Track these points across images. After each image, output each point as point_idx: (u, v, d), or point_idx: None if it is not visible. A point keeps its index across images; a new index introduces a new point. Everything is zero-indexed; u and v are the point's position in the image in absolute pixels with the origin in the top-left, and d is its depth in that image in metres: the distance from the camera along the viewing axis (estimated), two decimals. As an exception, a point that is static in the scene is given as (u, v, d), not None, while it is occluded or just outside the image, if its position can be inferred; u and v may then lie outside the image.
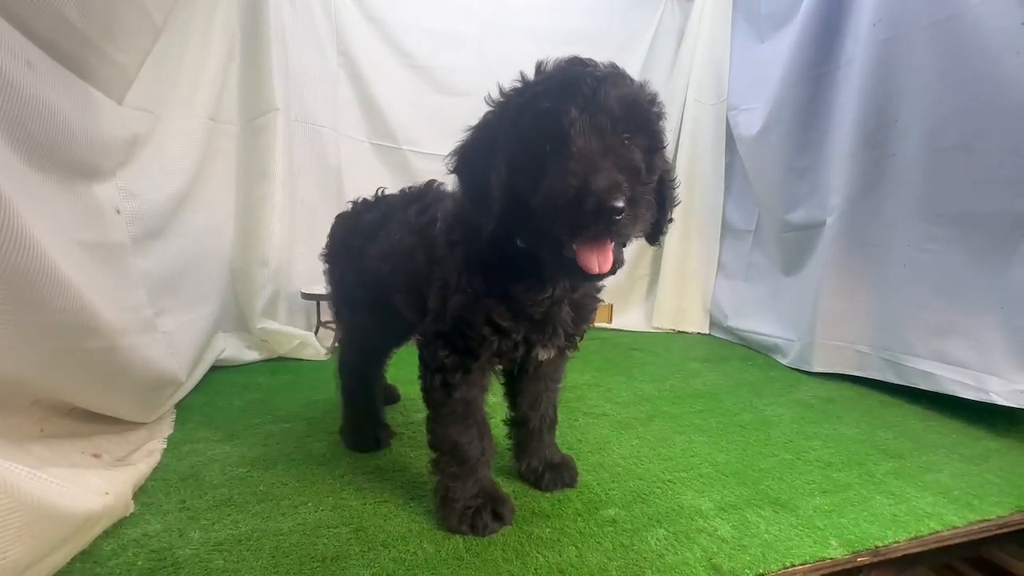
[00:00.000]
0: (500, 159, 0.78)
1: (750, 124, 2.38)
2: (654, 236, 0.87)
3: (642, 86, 0.80)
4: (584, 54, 2.77)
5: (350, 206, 1.31)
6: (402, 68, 2.42)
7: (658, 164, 0.79)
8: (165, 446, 1.20)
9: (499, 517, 0.93)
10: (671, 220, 0.88)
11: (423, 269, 0.97)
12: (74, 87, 1.10)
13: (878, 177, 1.80)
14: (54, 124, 0.99)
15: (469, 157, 0.84)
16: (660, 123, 0.80)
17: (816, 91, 2.06)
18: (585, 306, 0.96)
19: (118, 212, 1.30)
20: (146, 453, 1.13)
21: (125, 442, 1.16)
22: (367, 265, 1.14)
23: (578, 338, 1.00)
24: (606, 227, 0.68)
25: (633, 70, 2.77)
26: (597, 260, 0.73)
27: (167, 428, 1.29)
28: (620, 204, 0.66)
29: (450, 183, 1.05)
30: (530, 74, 0.81)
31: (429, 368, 0.93)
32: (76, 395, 1.05)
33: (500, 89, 0.84)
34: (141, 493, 1.00)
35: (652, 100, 0.80)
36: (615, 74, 0.77)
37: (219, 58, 1.85)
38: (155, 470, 1.09)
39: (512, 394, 1.09)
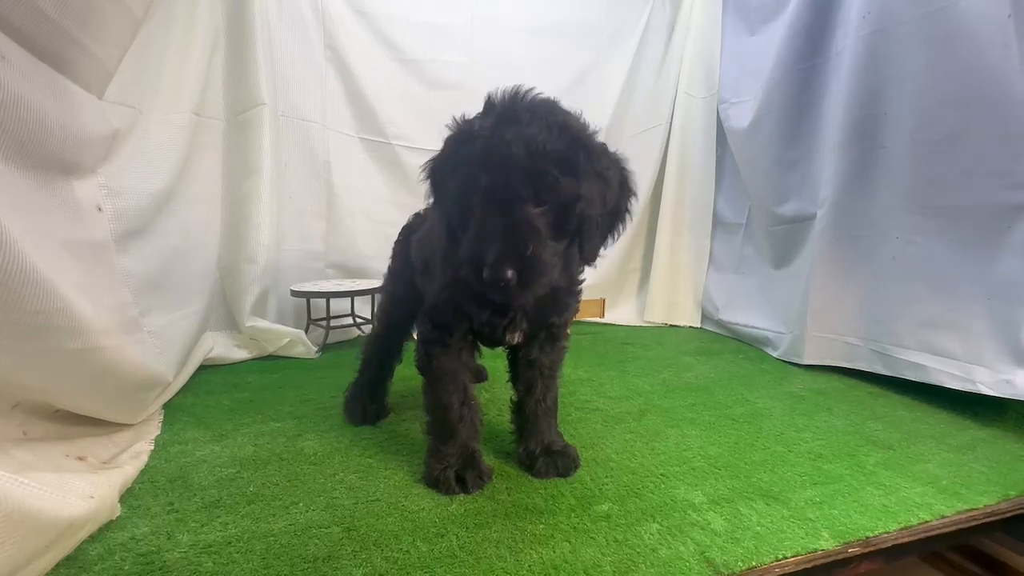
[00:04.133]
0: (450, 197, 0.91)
1: (741, 117, 2.38)
2: (587, 260, 0.97)
3: (553, 139, 0.85)
4: (573, 48, 2.76)
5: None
6: (391, 62, 2.39)
7: (574, 212, 0.87)
8: (152, 448, 1.18)
9: (462, 482, 1.02)
10: (602, 247, 0.98)
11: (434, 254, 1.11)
12: (51, 81, 1.07)
13: (868, 169, 1.81)
14: (30, 119, 0.96)
15: (435, 183, 0.96)
16: (566, 181, 0.85)
17: (806, 84, 2.06)
18: (547, 302, 1.04)
19: (100, 210, 1.27)
20: (132, 455, 1.11)
21: (111, 444, 1.14)
22: (408, 255, 1.32)
23: (554, 328, 1.12)
24: (502, 291, 0.82)
25: (623, 63, 2.80)
26: None
27: (154, 429, 1.27)
28: (508, 275, 0.79)
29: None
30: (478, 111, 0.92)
31: (419, 340, 1.09)
32: (59, 397, 1.03)
33: (456, 122, 0.94)
34: (128, 496, 0.98)
35: (559, 157, 0.85)
36: (529, 138, 0.83)
37: (202, 51, 1.82)
38: (142, 472, 1.07)
39: (513, 380, 1.18)
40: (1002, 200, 1.46)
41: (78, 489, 0.85)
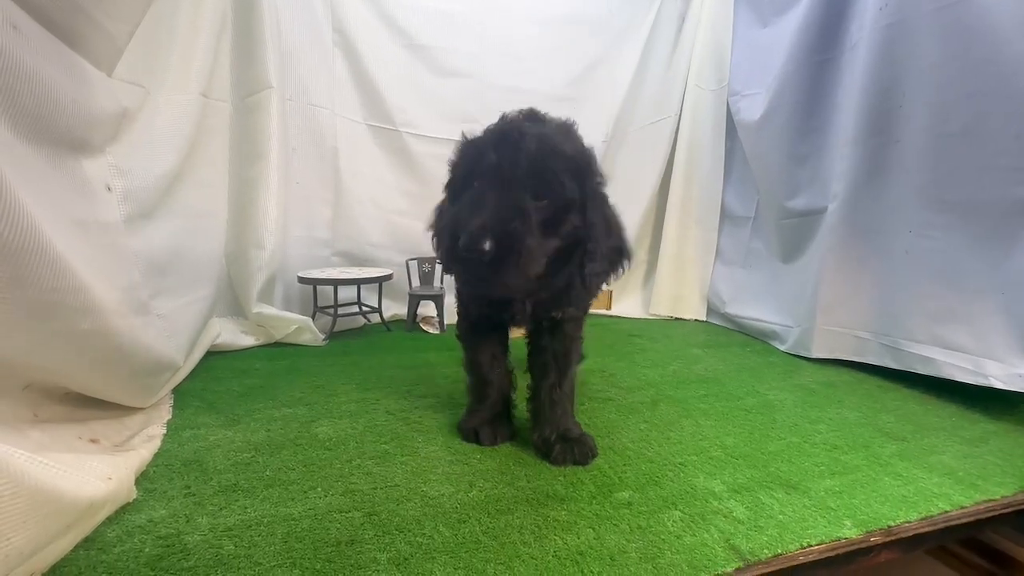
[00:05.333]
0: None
1: (752, 110, 2.36)
2: (587, 285, 1.00)
3: (566, 144, 0.91)
4: (583, 38, 2.76)
5: None
6: (399, 48, 2.35)
7: (570, 220, 0.91)
8: (164, 431, 1.16)
9: (474, 434, 1.17)
10: (603, 273, 1.02)
11: None
12: (62, 55, 1.04)
13: (882, 163, 1.80)
14: (42, 93, 0.93)
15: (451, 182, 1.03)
16: (569, 184, 0.89)
17: (820, 76, 2.05)
18: (544, 298, 1.07)
19: (109, 189, 1.24)
20: (145, 439, 1.10)
21: (123, 427, 1.12)
22: None
23: (559, 319, 1.13)
24: (476, 261, 0.80)
25: (633, 54, 2.77)
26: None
27: (165, 413, 1.25)
28: (485, 246, 0.78)
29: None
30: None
31: (459, 314, 1.23)
32: (71, 378, 1.00)
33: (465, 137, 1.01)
34: (143, 479, 0.97)
35: (569, 160, 0.90)
36: (543, 134, 0.89)
37: (210, 32, 1.77)
38: (156, 456, 1.06)
39: (529, 367, 1.20)
40: (1017, 195, 1.46)
41: (96, 470, 0.83)
